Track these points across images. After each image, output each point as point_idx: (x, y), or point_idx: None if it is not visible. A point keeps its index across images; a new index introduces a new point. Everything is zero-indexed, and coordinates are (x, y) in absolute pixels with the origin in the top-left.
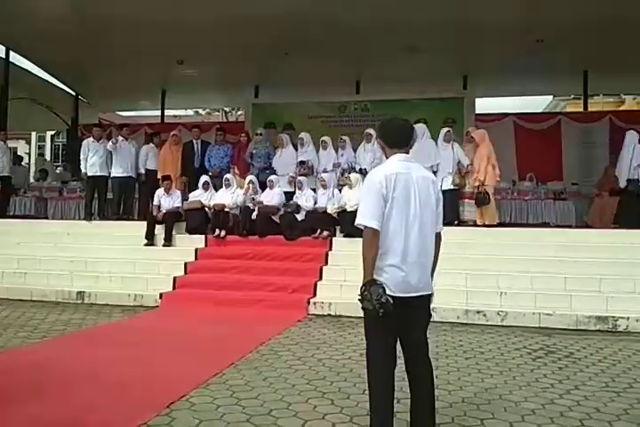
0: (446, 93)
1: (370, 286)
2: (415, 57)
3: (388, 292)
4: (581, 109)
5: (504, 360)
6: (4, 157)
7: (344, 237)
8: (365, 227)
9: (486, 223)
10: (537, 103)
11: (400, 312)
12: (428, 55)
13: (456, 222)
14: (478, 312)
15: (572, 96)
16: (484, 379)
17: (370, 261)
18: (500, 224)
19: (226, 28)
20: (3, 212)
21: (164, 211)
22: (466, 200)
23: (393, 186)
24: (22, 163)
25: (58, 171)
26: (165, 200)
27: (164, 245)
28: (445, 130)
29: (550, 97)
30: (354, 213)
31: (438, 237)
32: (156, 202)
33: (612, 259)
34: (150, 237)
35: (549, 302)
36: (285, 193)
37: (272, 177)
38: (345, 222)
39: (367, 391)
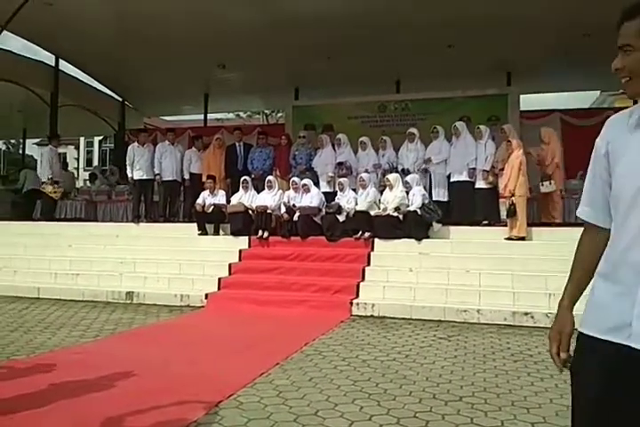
0: (489, 90)
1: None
2: (456, 54)
3: (589, 331)
4: (630, 104)
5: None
6: (55, 163)
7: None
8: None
9: (512, 236)
10: (583, 98)
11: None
12: (470, 52)
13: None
14: (526, 314)
15: (621, 91)
16: (534, 382)
17: (572, 273)
18: (545, 224)
19: (266, 32)
20: (51, 215)
21: (211, 205)
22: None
23: (624, 140)
24: (68, 168)
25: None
26: (210, 200)
27: (213, 235)
28: (483, 127)
29: (597, 92)
30: (390, 217)
31: None
32: (200, 201)
33: None
34: (202, 228)
35: None
36: (324, 193)
37: (305, 180)
38: (380, 225)
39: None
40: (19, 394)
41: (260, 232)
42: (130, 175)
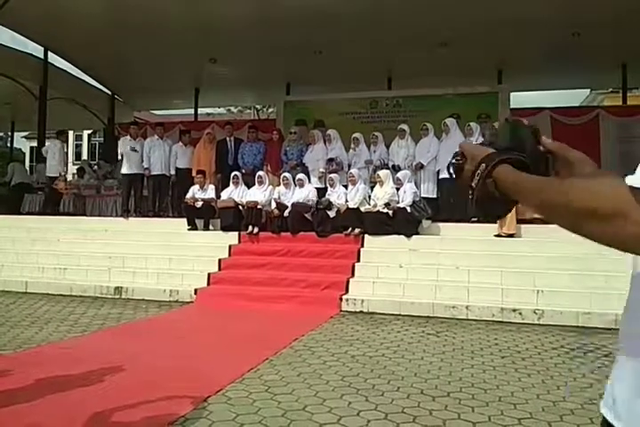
0: (480, 88)
1: None
2: (448, 52)
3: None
4: (620, 103)
5: (541, 359)
6: (61, 159)
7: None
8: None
9: (502, 233)
10: (574, 97)
11: None
12: (462, 50)
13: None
14: (514, 310)
15: (611, 90)
16: (521, 378)
17: None
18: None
19: (258, 27)
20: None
21: (201, 200)
22: None
23: None
24: None
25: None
26: (200, 195)
27: (203, 230)
28: (473, 124)
29: (587, 91)
30: (380, 213)
31: None
32: (190, 196)
33: None
34: (192, 224)
35: (588, 301)
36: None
37: (300, 175)
38: (370, 222)
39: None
40: (6, 389)
41: (251, 228)
42: (124, 161)
